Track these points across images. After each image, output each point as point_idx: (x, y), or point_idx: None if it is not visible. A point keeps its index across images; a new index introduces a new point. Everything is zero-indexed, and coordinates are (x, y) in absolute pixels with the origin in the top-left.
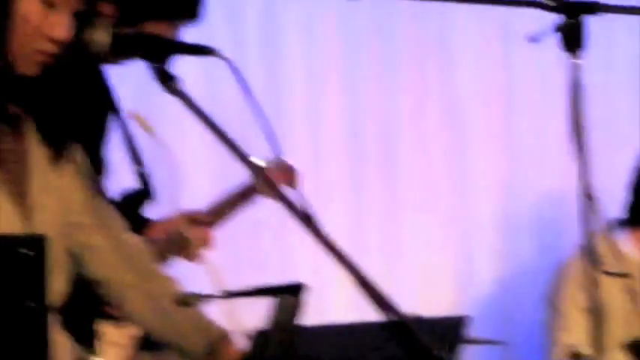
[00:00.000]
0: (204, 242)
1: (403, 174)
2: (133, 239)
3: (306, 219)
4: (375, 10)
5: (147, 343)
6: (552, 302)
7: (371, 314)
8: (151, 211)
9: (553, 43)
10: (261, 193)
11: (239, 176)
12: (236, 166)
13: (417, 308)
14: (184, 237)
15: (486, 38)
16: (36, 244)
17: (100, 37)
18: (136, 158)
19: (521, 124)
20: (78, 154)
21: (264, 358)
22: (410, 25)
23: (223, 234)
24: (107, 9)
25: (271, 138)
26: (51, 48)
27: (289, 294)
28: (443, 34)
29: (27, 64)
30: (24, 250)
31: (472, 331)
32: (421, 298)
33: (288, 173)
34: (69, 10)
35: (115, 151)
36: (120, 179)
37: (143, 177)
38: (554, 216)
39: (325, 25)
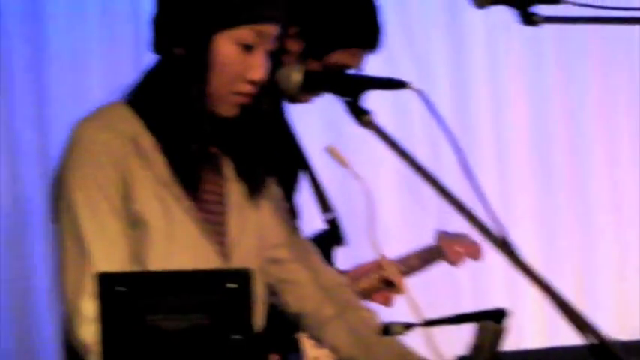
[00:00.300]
0: (402, 289)
1: (594, 193)
2: (332, 272)
3: (503, 244)
4: (558, 36)
5: None
6: None
7: (568, 339)
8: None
9: None
10: (446, 258)
11: (429, 208)
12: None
13: (613, 333)
14: (385, 280)
15: None
16: (241, 277)
17: (294, 75)
18: (325, 204)
19: None
20: (274, 188)
21: None
22: (594, 38)
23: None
24: (295, 45)
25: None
26: (249, 89)
27: (492, 320)
28: (629, 46)
29: (226, 106)
30: (230, 284)
31: None
32: (617, 323)
33: (472, 246)
34: (265, 51)
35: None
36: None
37: (333, 223)
38: None
39: (509, 45)
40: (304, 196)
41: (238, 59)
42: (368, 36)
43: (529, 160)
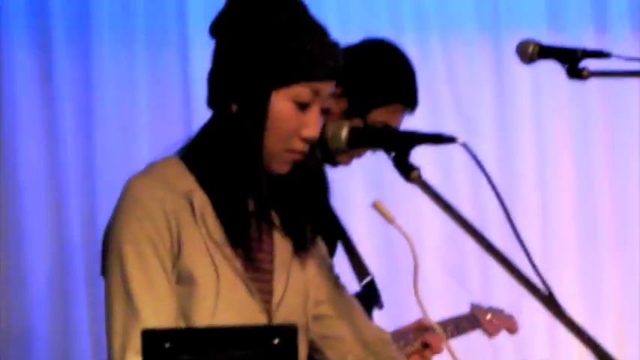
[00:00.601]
0: (439, 350)
1: (637, 249)
2: (375, 329)
3: (547, 299)
4: (603, 84)
5: None
6: None
7: None
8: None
9: None
10: (482, 328)
11: (473, 262)
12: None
13: None
14: (425, 343)
15: None
16: (287, 333)
17: (342, 131)
18: (362, 270)
19: None
20: (319, 244)
21: None
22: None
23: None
24: (339, 105)
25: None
26: (302, 147)
27: None
28: None
29: (279, 163)
30: (276, 340)
31: None
32: None
33: (508, 320)
34: (319, 109)
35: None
36: None
37: (371, 286)
38: None
39: (554, 102)
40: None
41: (294, 116)
42: (406, 92)
43: (573, 216)
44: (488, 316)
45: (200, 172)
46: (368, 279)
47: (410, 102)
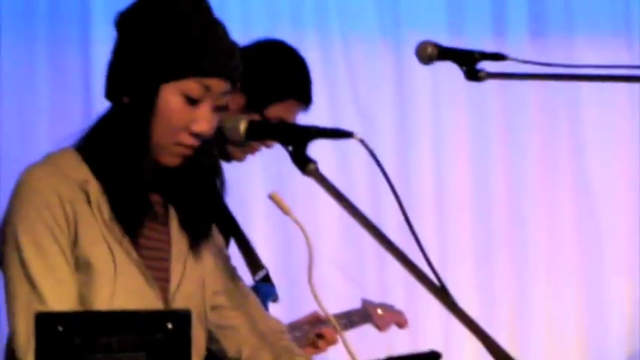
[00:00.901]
0: (332, 341)
1: (531, 243)
2: (270, 319)
3: (441, 292)
4: (501, 88)
5: None
6: None
7: None
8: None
9: None
10: (373, 322)
11: (369, 255)
12: (367, 244)
13: None
14: (316, 334)
15: (616, 116)
16: (181, 318)
17: (240, 124)
18: (255, 264)
19: None
20: (216, 236)
21: None
22: (538, 103)
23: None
24: (237, 100)
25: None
26: (192, 142)
27: None
28: (571, 107)
29: (168, 156)
30: (170, 325)
31: None
32: None
33: (398, 315)
34: (211, 105)
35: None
36: None
37: (266, 280)
38: None
39: (453, 105)
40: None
41: (183, 111)
42: (301, 88)
43: (469, 212)
44: (379, 311)
45: (94, 163)
46: (262, 273)
47: (304, 98)
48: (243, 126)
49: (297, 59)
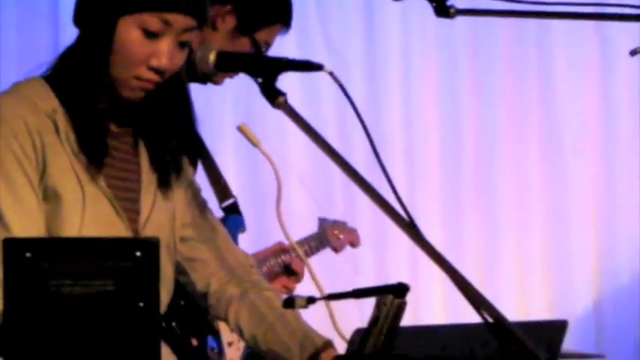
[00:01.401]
0: (302, 276)
1: (499, 187)
2: (239, 253)
3: (409, 226)
4: (472, 28)
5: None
6: None
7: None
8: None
9: None
10: (330, 246)
11: (338, 188)
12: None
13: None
14: (286, 266)
15: (585, 54)
16: (149, 246)
17: (210, 55)
18: (224, 192)
19: (622, 146)
20: (186, 168)
21: (363, 356)
22: (508, 41)
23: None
24: (228, 23)
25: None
26: (151, 76)
27: (393, 294)
28: (541, 52)
29: (128, 90)
30: (138, 253)
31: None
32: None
33: (351, 234)
34: (172, 40)
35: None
36: None
37: (234, 208)
38: None
39: (423, 43)
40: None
41: (142, 44)
42: (289, 12)
43: (438, 153)
44: (335, 231)
45: (60, 93)
46: (229, 201)
47: (289, 23)
48: (212, 57)
49: None
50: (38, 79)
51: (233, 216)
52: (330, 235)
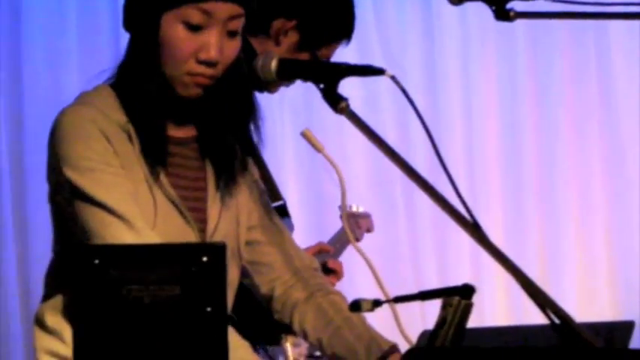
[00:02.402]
0: (342, 275)
1: (561, 192)
2: (304, 256)
3: (472, 227)
4: (531, 30)
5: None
6: None
7: (532, 319)
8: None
9: None
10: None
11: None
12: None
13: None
14: (324, 266)
15: None
16: (216, 251)
17: (271, 63)
18: (274, 193)
19: None
20: (251, 169)
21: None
22: (567, 45)
23: (386, 239)
24: (291, 37)
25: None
26: (202, 70)
27: (459, 296)
28: (600, 53)
29: (183, 87)
30: (205, 258)
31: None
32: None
33: (366, 220)
34: (218, 30)
35: None
36: None
37: (282, 211)
38: None
39: (482, 46)
40: None
41: (187, 39)
42: (351, 30)
43: (499, 155)
44: (353, 221)
45: (125, 101)
46: (278, 203)
47: (350, 37)
48: (274, 64)
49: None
50: (106, 88)
51: (282, 218)
52: (352, 226)
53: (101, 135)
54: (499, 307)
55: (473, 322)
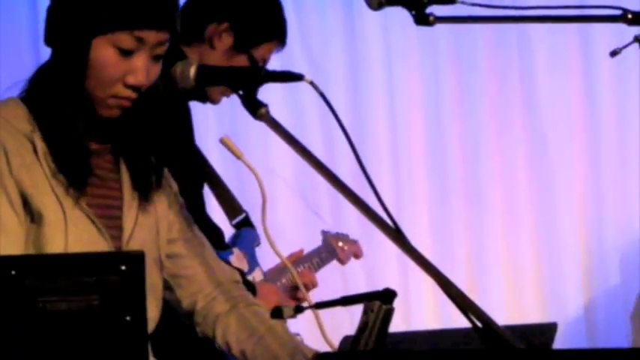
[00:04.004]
0: (313, 285)
1: (486, 193)
2: (225, 268)
3: (396, 234)
4: (453, 33)
5: None
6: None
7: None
8: None
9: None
10: (337, 258)
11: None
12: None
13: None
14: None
15: (567, 56)
16: (134, 260)
17: (190, 70)
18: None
19: (606, 147)
20: (170, 183)
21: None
22: (489, 46)
23: (313, 246)
24: (225, 40)
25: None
26: (128, 94)
27: (380, 300)
28: (523, 55)
29: (105, 108)
30: (123, 267)
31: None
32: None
33: (354, 245)
34: (147, 56)
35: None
36: None
37: (248, 222)
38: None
39: (405, 50)
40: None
41: (117, 63)
42: (284, 29)
43: (424, 160)
44: (340, 243)
45: (36, 113)
46: (241, 217)
47: (284, 39)
48: (192, 71)
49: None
50: (14, 100)
51: (246, 230)
52: (336, 247)
53: (2, 153)
54: (427, 312)
55: (399, 327)
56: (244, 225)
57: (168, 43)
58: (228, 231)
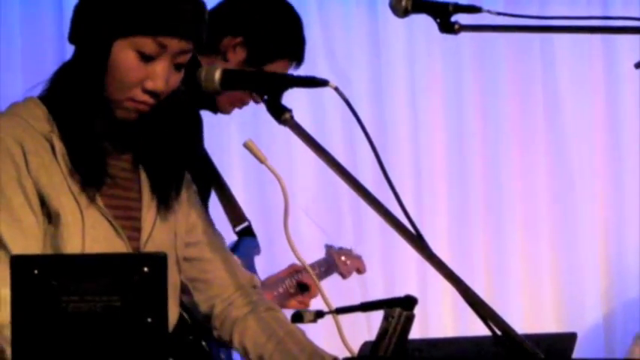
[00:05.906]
0: (316, 293)
1: (507, 204)
2: (245, 274)
3: (416, 240)
4: (477, 43)
5: None
6: None
7: (475, 331)
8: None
9: None
10: (338, 271)
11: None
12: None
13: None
14: (299, 284)
15: (590, 68)
16: (157, 261)
17: (215, 73)
18: (238, 215)
19: (628, 159)
20: (190, 187)
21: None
22: (512, 59)
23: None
24: (238, 54)
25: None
26: (145, 98)
27: (401, 307)
28: (546, 66)
29: (122, 110)
30: (146, 269)
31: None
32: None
33: (357, 261)
34: (167, 63)
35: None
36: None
37: (250, 231)
38: None
39: (429, 60)
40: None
41: (137, 67)
42: (300, 48)
43: (445, 167)
44: (343, 258)
45: (56, 114)
46: (243, 225)
47: (300, 58)
48: (217, 75)
49: (297, 18)
50: (34, 100)
51: (247, 239)
52: (338, 261)
53: (21, 153)
54: (445, 319)
55: (418, 334)
56: (246, 234)
57: (190, 53)
58: (229, 237)
